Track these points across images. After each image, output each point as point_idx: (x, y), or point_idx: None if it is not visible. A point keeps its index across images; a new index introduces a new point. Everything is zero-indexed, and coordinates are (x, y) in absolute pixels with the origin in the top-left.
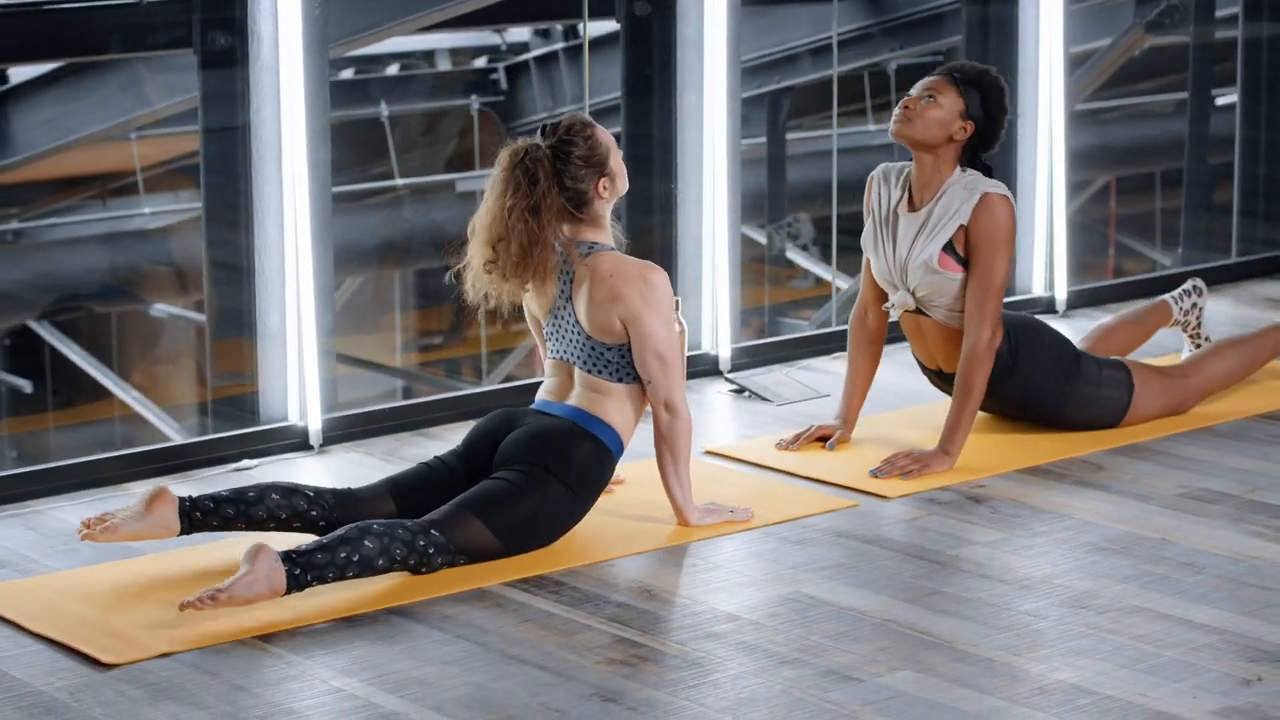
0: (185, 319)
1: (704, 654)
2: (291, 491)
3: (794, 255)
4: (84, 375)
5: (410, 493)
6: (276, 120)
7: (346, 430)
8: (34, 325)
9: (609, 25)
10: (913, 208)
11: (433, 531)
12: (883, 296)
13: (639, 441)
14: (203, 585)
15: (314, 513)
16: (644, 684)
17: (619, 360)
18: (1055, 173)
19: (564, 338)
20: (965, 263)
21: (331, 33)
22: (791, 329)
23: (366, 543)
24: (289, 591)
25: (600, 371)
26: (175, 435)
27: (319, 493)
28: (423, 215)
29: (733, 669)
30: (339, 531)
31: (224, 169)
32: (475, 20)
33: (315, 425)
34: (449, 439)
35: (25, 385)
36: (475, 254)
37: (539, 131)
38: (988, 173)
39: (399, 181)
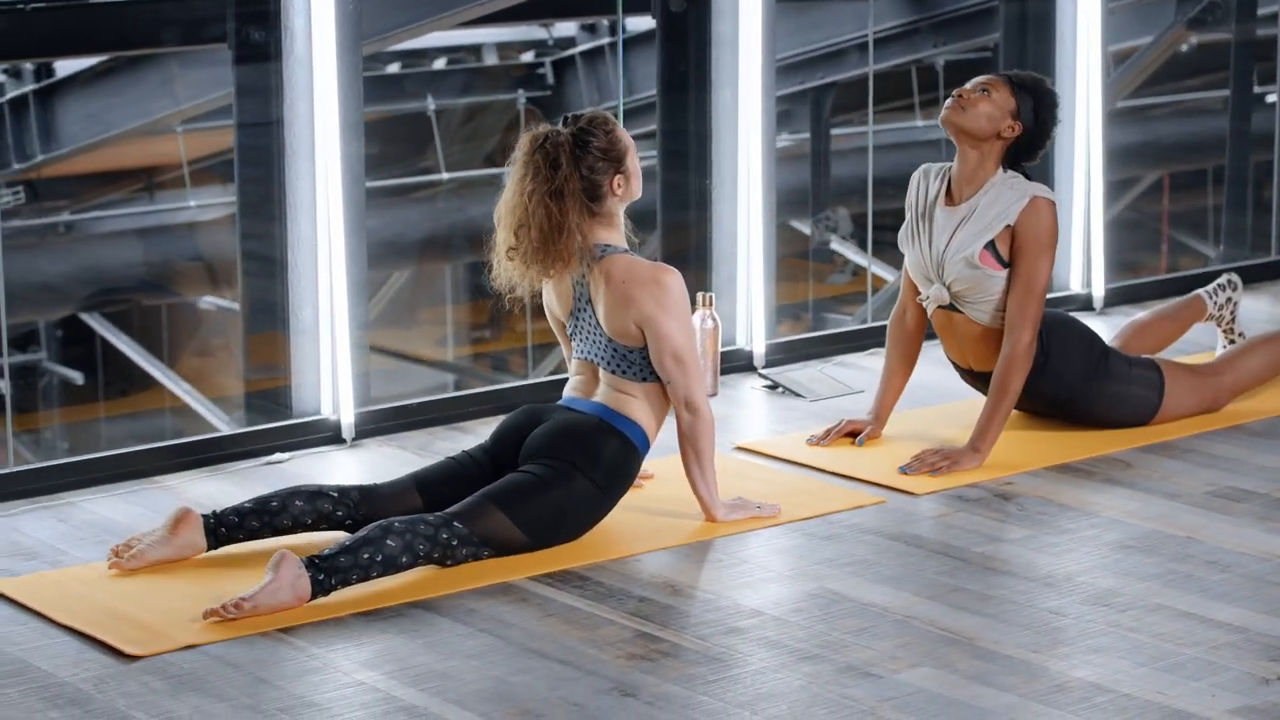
0: (232, 311)
1: (725, 649)
2: (315, 495)
3: (837, 246)
4: (134, 366)
5: (436, 488)
6: (310, 115)
7: (379, 424)
8: (85, 317)
9: (651, 21)
10: (951, 202)
11: (456, 524)
12: (916, 299)
13: (667, 436)
14: (230, 578)
15: (339, 513)
16: (663, 679)
17: (641, 361)
18: (1093, 170)
19: (587, 338)
20: (1005, 263)
21: (368, 28)
22: (835, 324)
23: (389, 541)
24: (314, 598)
25: (624, 372)
26: (223, 427)
27: (343, 492)
28: (469, 209)
29: (753, 664)
30: (362, 532)
31: (258, 163)
32: (510, 16)
33: (348, 419)
34: (481, 433)
35: (76, 377)
36: (499, 241)
37: (560, 121)
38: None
39: (444, 176)
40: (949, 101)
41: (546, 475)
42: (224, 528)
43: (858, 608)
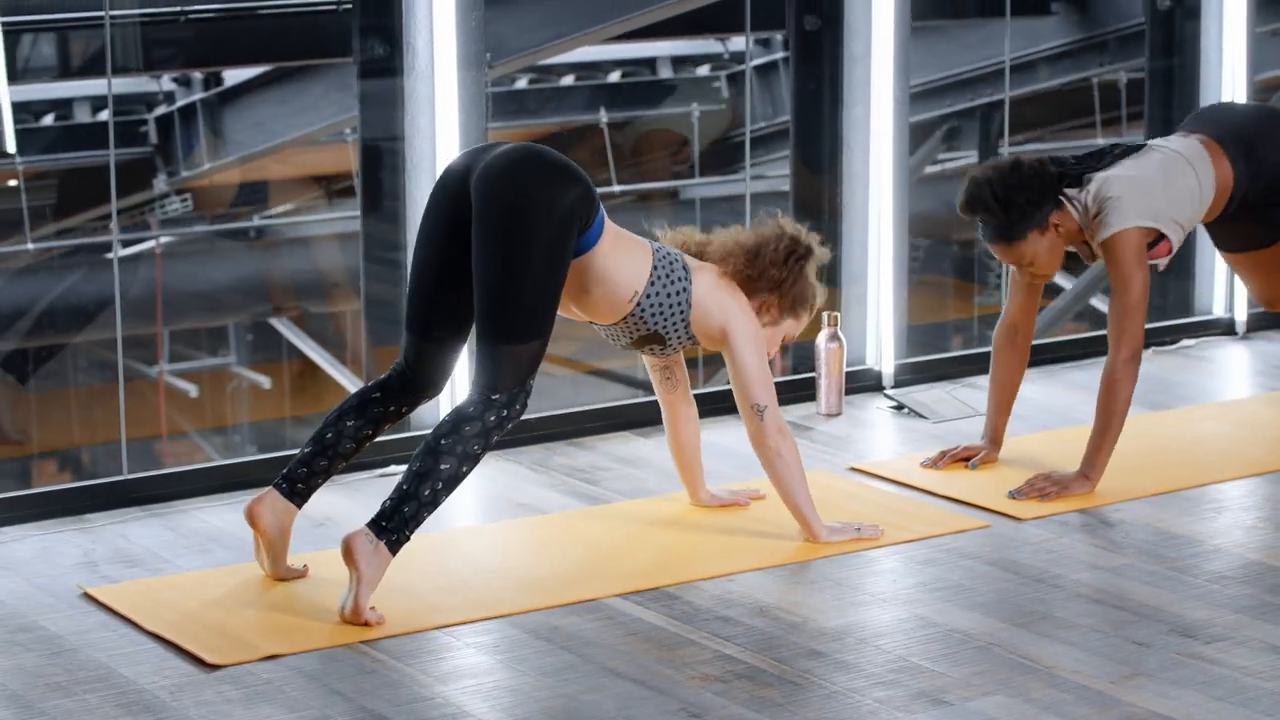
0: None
1: (801, 672)
2: (362, 406)
3: None
4: (320, 372)
5: (441, 324)
6: (431, 130)
7: (510, 437)
8: (274, 321)
9: None
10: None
11: (493, 395)
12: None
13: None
14: (321, 585)
15: (391, 408)
16: (733, 700)
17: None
18: None
19: None
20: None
21: (513, 44)
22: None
23: (443, 465)
24: (395, 553)
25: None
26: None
27: (384, 387)
28: (642, 222)
29: (825, 688)
30: (413, 467)
31: (381, 177)
32: (648, 34)
33: None
34: (600, 449)
35: (264, 381)
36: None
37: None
38: (1075, 182)
39: (616, 188)
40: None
41: (509, 257)
42: (299, 484)
43: (942, 633)
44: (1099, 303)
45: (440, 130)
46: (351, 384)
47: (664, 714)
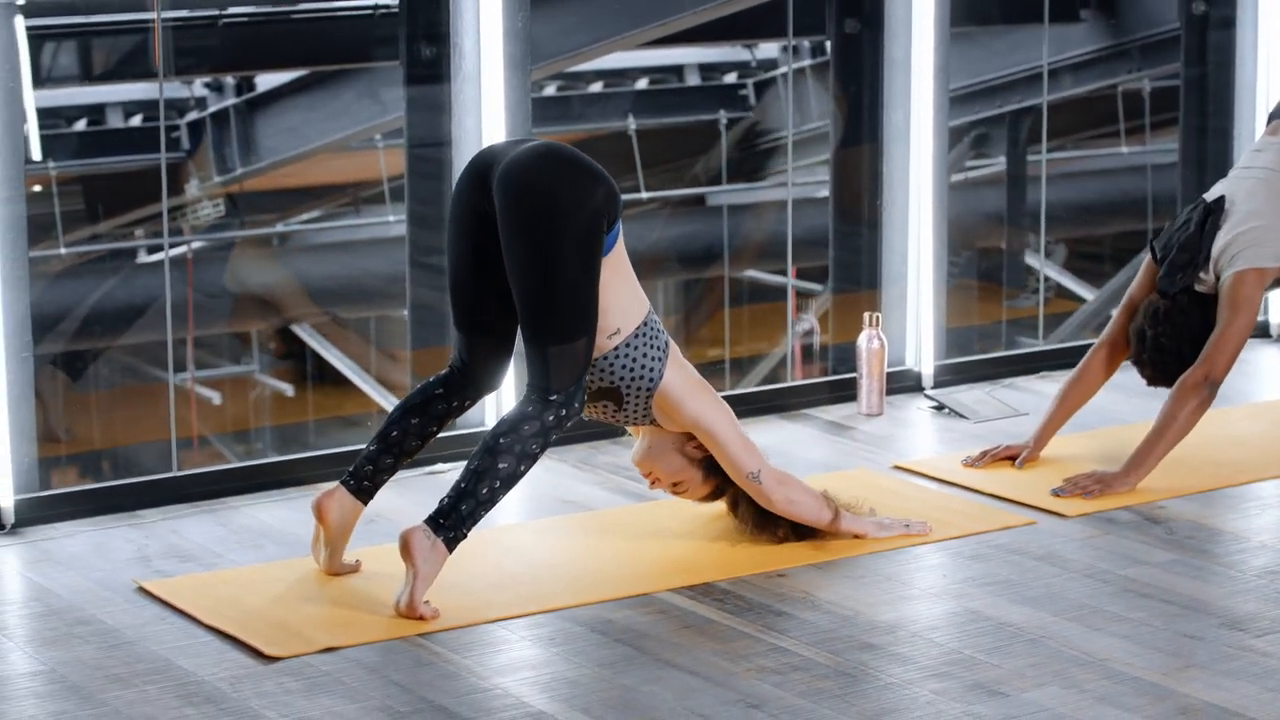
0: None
1: (856, 665)
2: (425, 403)
3: (1052, 272)
4: (344, 379)
5: (484, 316)
6: (478, 133)
7: None
8: (296, 329)
9: None
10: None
11: (551, 396)
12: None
13: (828, 454)
14: (375, 579)
15: (455, 403)
16: (790, 692)
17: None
18: None
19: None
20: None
21: (548, 49)
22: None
23: (501, 465)
24: (452, 551)
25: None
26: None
27: (445, 382)
28: (671, 229)
29: (881, 680)
30: (472, 464)
31: (428, 180)
32: (702, 36)
33: None
34: None
35: (287, 389)
36: None
37: None
38: (1186, 284)
39: (644, 195)
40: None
41: (542, 258)
42: (365, 480)
43: (994, 626)
44: None
45: (487, 133)
46: (375, 391)
47: (723, 705)
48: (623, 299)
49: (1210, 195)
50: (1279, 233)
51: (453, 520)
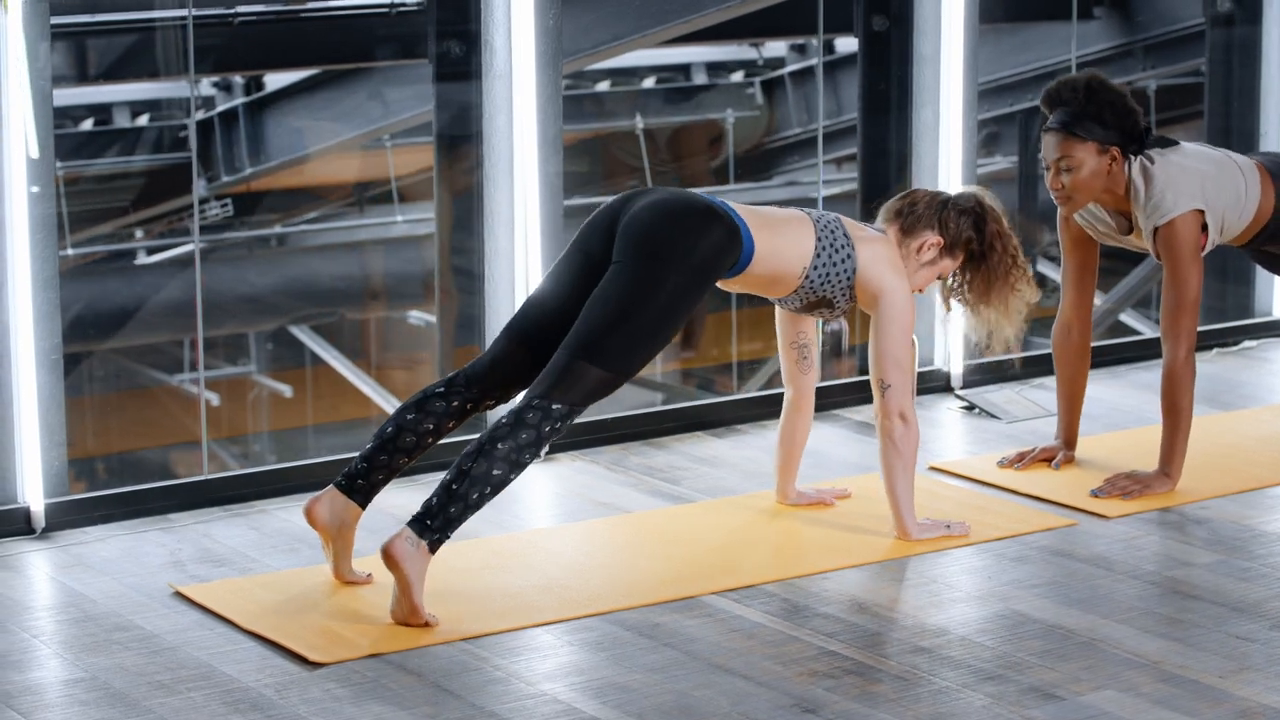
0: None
1: (909, 668)
2: (423, 401)
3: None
4: (343, 380)
5: (540, 333)
6: (509, 131)
7: (574, 438)
8: (294, 329)
9: (856, 44)
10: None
11: (554, 405)
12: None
13: (860, 454)
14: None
15: (455, 404)
16: (845, 696)
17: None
18: None
19: None
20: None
21: (569, 46)
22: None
23: (494, 471)
24: (434, 553)
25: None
26: None
27: (449, 383)
28: None
29: (935, 683)
30: (462, 468)
31: (458, 178)
32: (717, 35)
33: None
34: (675, 449)
35: (286, 390)
36: None
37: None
38: (1161, 143)
39: None
40: (1055, 198)
41: (634, 290)
42: (358, 479)
43: (1044, 629)
44: (1128, 318)
45: (518, 131)
46: (376, 392)
47: (777, 709)
48: (788, 249)
49: None
50: (1209, 185)
51: (440, 522)
